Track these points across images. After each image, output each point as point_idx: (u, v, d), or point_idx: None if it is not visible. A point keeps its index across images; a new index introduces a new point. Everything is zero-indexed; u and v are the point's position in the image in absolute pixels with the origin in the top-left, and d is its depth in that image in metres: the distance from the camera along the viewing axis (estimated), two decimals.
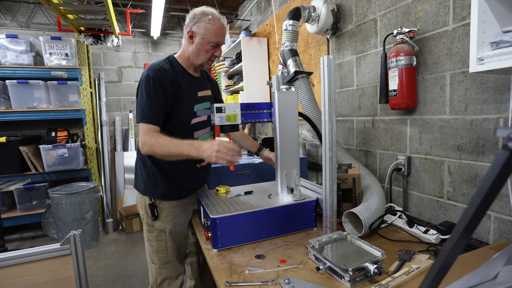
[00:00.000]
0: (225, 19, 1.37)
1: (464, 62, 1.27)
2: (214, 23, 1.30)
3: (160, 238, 1.42)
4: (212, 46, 1.33)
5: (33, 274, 1.30)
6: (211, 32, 1.30)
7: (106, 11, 2.60)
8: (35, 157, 3.35)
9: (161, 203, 1.41)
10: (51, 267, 1.33)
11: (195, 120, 1.40)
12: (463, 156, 1.30)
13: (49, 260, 1.33)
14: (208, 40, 1.31)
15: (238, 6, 4.18)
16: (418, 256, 1.03)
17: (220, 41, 1.35)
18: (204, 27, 1.29)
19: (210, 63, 1.41)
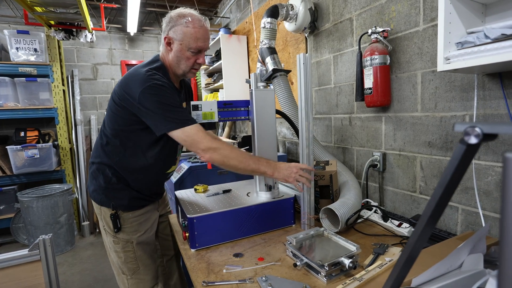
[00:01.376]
0: (207, 20, 1.22)
1: (433, 61, 1.32)
2: (193, 25, 1.15)
3: (127, 249, 1.30)
4: (193, 53, 1.19)
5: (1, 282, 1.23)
6: (190, 36, 1.15)
7: (78, 5, 2.48)
8: (2, 158, 3.16)
9: (123, 213, 1.29)
10: (19, 275, 1.26)
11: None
12: (434, 151, 1.35)
13: (16, 268, 1.26)
14: (188, 46, 1.17)
15: (217, 3, 4.13)
16: (391, 249, 1.07)
17: (202, 46, 1.19)
18: (182, 32, 1.15)
19: (194, 71, 1.26)
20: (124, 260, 1.30)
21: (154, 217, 1.42)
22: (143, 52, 4.35)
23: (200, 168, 1.82)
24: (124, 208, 1.28)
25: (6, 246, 3.24)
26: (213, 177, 1.83)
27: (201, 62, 1.23)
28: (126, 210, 1.28)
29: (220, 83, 3.45)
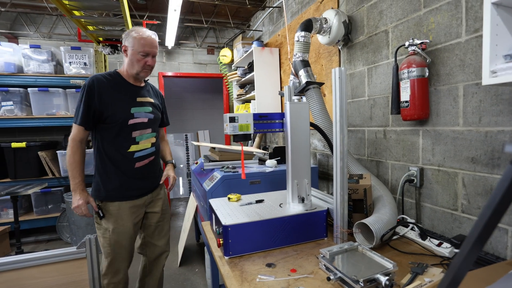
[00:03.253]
0: (156, 35, 1.57)
1: (477, 73, 1.26)
2: (140, 35, 1.50)
3: (105, 235, 1.55)
4: (142, 56, 1.52)
5: (49, 276, 1.34)
6: (137, 42, 1.49)
7: (124, 23, 2.70)
8: (52, 162, 3.46)
9: (106, 204, 1.55)
10: (67, 270, 1.37)
11: (132, 121, 1.56)
12: (478, 168, 1.28)
13: (65, 263, 1.37)
14: (137, 50, 1.50)
15: (250, 16, 4.27)
16: (431, 270, 1.02)
17: (148, 51, 1.52)
18: (132, 40, 1.50)
19: (146, 71, 1.58)
20: (102, 244, 1.56)
21: (137, 213, 1.62)
22: (179, 64, 4.59)
23: (233, 178, 1.87)
24: (103, 199, 1.55)
25: (52, 242, 3.50)
26: (245, 186, 1.87)
27: (150, 63, 1.56)
28: (106, 200, 1.55)
29: (251, 94, 3.53)
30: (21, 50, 3.34)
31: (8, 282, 1.30)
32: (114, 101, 1.53)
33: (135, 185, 1.61)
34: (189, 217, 2.89)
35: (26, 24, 3.77)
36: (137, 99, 1.61)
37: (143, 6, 3.76)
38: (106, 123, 1.52)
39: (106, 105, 1.50)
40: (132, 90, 1.61)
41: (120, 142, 1.55)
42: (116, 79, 1.58)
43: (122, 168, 1.57)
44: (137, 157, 1.60)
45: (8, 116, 3.32)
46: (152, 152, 1.67)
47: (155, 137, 1.69)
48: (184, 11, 3.78)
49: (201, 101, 6.31)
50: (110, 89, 1.53)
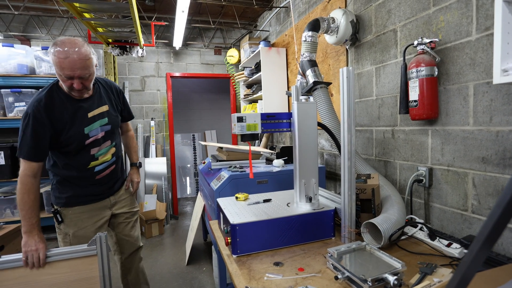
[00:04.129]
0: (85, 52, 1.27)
1: (488, 72, 1.25)
2: (58, 55, 1.23)
3: (65, 240, 1.54)
4: (66, 78, 1.28)
5: (61, 273, 1.37)
6: (56, 64, 1.25)
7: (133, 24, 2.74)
8: None
9: (64, 209, 1.53)
10: (78, 267, 1.40)
11: (88, 141, 1.47)
12: (489, 168, 1.26)
13: (76, 260, 1.40)
14: (58, 72, 1.27)
15: (257, 17, 4.28)
16: (440, 270, 1.01)
17: (69, 74, 1.26)
18: (52, 59, 1.25)
19: (77, 93, 1.37)
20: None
21: (100, 215, 1.60)
22: (187, 64, 4.63)
23: (240, 177, 1.88)
24: (63, 205, 1.52)
25: None
26: (253, 186, 1.88)
27: (76, 87, 1.31)
28: (66, 206, 1.52)
29: (259, 94, 3.54)
30: (33, 52, 3.42)
31: (21, 278, 1.33)
32: (65, 126, 1.38)
33: (95, 191, 1.58)
34: (196, 216, 2.91)
35: (38, 27, 3.85)
36: (88, 115, 1.45)
37: (151, 7, 3.80)
38: (60, 148, 1.43)
39: (60, 132, 1.37)
40: (80, 107, 1.42)
41: (78, 161, 1.48)
42: (60, 97, 1.38)
43: (81, 183, 1.53)
44: (97, 171, 1.55)
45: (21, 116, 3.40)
46: (113, 161, 1.62)
47: (115, 146, 1.62)
48: (191, 12, 3.81)
49: (208, 101, 6.35)
50: (58, 113, 1.36)
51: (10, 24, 3.75)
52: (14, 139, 3.77)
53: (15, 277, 1.32)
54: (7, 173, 3.39)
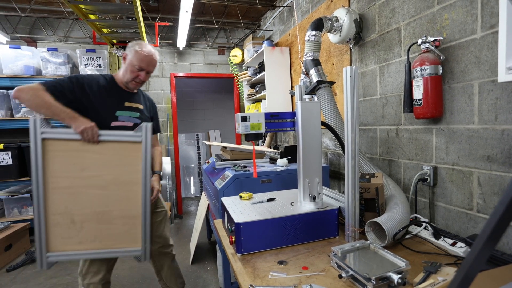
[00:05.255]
0: (158, 54, 1.64)
1: (493, 70, 1.24)
2: (141, 50, 1.56)
3: None
4: (137, 69, 1.57)
5: (108, 154, 1.41)
6: (137, 56, 1.55)
7: (137, 25, 2.77)
8: None
9: None
10: (123, 152, 1.43)
11: (115, 123, 1.57)
12: (494, 167, 1.26)
13: (123, 144, 1.43)
14: (133, 63, 1.56)
15: (260, 16, 4.29)
16: (444, 269, 1.01)
17: (143, 67, 1.57)
18: (133, 52, 1.56)
19: (135, 84, 1.61)
20: None
21: None
22: (190, 64, 4.65)
23: (244, 176, 1.89)
24: None
25: None
26: (257, 185, 1.89)
27: (142, 78, 1.60)
28: None
29: (262, 93, 3.55)
30: (40, 53, 3.47)
31: (72, 151, 1.37)
32: (99, 100, 1.54)
33: None
34: (200, 216, 2.93)
35: (44, 28, 3.90)
36: (125, 103, 1.63)
37: (155, 8, 3.83)
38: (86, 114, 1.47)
39: (91, 103, 1.51)
40: (122, 95, 1.63)
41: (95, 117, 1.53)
42: (110, 82, 1.62)
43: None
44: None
45: (28, 117, 3.45)
46: None
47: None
48: (195, 12, 3.83)
49: (211, 101, 6.37)
50: (100, 88, 1.56)
51: (17, 26, 3.81)
52: (21, 139, 3.82)
53: (66, 149, 1.36)
54: (14, 173, 3.44)
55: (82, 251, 1.41)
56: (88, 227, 1.40)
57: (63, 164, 1.36)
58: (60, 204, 1.36)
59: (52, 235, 1.37)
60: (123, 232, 1.45)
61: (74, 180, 1.37)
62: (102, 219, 1.41)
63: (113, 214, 1.43)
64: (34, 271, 2.79)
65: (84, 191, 1.38)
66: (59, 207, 1.36)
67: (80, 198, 1.38)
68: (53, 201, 1.36)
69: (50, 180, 1.34)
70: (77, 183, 1.37)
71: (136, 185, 1.44)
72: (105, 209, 1.42)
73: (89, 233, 1.40)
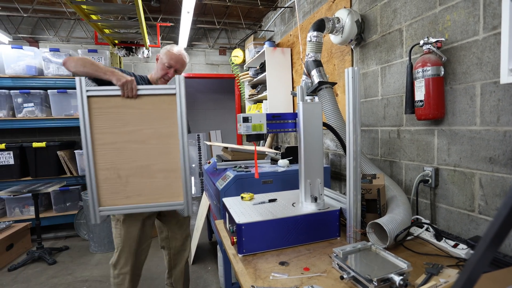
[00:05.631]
0: (187, 56, 1.76)
1: (496, 72, 1.24)
2: (173, 50, 1.70)
3: (116, 226, 1.64)
4: (167, 66, 1.68)
5: (145, 108, 1.46)
6: (167, 55, 1.68)
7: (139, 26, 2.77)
8: (70, 161, 3.59)
9: None
10: (160, 105, 1.46)
11: None
12: (496, 168, 1.25)
13: (159, 97, 1.47)
14: (163, 61, 1.68)
15: (262, 17, 4.29)
16: (446, 271, 1.01)
17: (172, 64, 1.68)
18: (165, 52, 1.70)
19: (163, 81, 1.72)
20: (114, 235, 1.66)
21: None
22: (192, 65, 4.65)
23: (246, 177, 1.89)
24: None
25: (70, 239, 3.62)
26: (258, 186, 1.89)
27: (170, 75, 1.70)
28: None
29: (263, 94, 3.55)
30: (42, 53, 3.47)
31: (114, 108, 1.42)
32: None
33: None
34: (201, 216, 2.93)
35: (46, 29, 3.91)
36: None
37: (157, 8, 3.83)
38: None
39: None
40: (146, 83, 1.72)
41: None
42: (145, 81, 1.75)
43: None
44: None
45: (29, 117, 3.46)
46: None
47: None
48: (196, 12, 3.84)
49: (213, 101, 6.38)
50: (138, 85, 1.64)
51: (19, 26, 3.82)
52: (23, 139, 3.84)
53: (109, 106, 1.41)
54: (16, 173, 3.45)
55: (129, 205, 1.47)
56: (133, 181, 1.45)
57: (107, 120, 1.42)
58: (107, 160, 1.43)
59: (102, 190, 1.44)
60: (165, 185, 1.48)
61: (118, 136, 1.43)
62: (145, 173, 1.46)
63: (155, 168, 1.47)
64: (35, 271, 2.80)
65: (127, 146, 1.44)
66: (106, 162, 1.43)
67: (124, 153, 1.44)
68: (100, 156, 1.42)
69: (96, 137, 1.41)
70: (121, 138, 1.43)
71: (174, 138, 1.47)
72: (147, 163, 1.46)
73: (134, 187, 1.46)
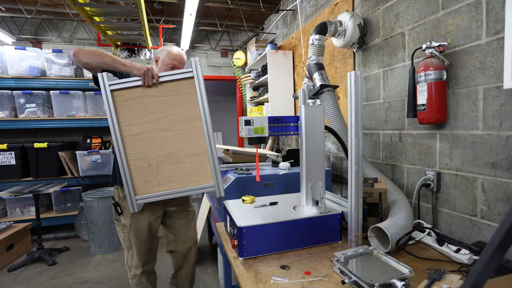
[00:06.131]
0: (186, 55, 1.76)
1: (498, 76, 1.23)
2: (171, 50, 1.70)
3: (124, 231, 1.67)
4: (170, 67, 1.68)
5: (166, 95, 1.49)
6: (169, 56, 1.69)
7: (142, 27, 2.79)
8: (71, 162, 3.59)
9: (124, 201, 1.62)
10: (179, 90, 1.50)
11: None
12: (499, 173, 1.25)
13: (177, 82, 1.49)
14: (167, 62, 1.68)
15: (264, 19, 4.30)
16: (448, 276, 1.00)
17: (175, 65, 1.69)
18: (165, 53, 1.70)
19: None
20: (123, 238, 1.69)
21: (153, 211, 1.67)
22: None
23: (247, 180, 1.89)
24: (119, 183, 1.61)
25: (70, 239, 3.62)
26: (259, 188, 1.88)
27: None
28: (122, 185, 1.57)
29: (265, 96, 3.55)
30: (44, 54, 3.49)
31: (136, 99, 1.46)
32: None
33: None
34: (202, 218, 2.93)
35: (49, 30, 3.93)
36: None
37: (160, 10, 3.85)
38: None
39: None
40: None
41: None
42: None
43: None
44: None
45: (32, 117, 3.47)
46: None
47: None
48: (199, 15, 3.85)
49: (214, 103, 6.38)
50: None
51: (22, 28, 3.84)
52: (25, 139, 3.85)
53: (131, 97, 1.46)
54: (17, 173, 3.45)
55: (162, 192, 1.50)
56: (163, 168, 1.49)
57: (131, 112, 1.46)
58: (136, 150, 1.47)
59: (135, 180, 1.48)
60: (194, 169, 1.51)
61: (143, 125, 1.47)
62: (173, 160, 1.49)
63: (182, 153, 1.50)
64: (35, 272, 2.79)
65: (153, 134, 1.48)
66: (136, 152, 1.47)
67: (151, 142, 1.48)
68: (130, 148, 1.47)
69: (124, 129, 1.45)
70: (147, 128, 1.47)
71: (197, 122, 1.49)
72: (174, 149, 1.49)
73: (165, 174, 1.49)
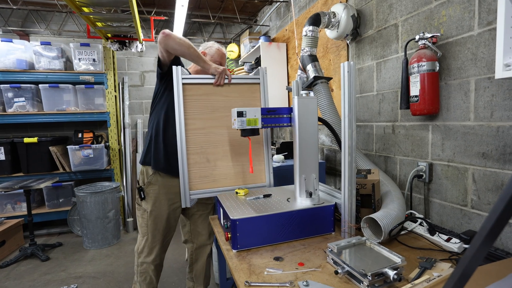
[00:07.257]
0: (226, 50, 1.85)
1: (490, 67, 1.24)
2: (221, 49, 1.83)
3: (143, 216, 1.70)
4: (217, 64, 1.74)
5: (232, 96, 1.62)
6: (218, 53, 1.80)
7: (132, 19, 2.72)
8: (63, 157, 3.53)
9: (147, 187, 1.66)
10: (245, 93, 1.63)
11: None
12: (489, 164, 1.26)
13: (244, 86, 1.66)
14: (216, 59, 1.77)
15: (257, 11, 4.24)
16: (439, 264, 1.02)
17: (222, 63, 1.81)
18: (214, 51, 1.80)
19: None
20: (140, 223, 1.72)
21: (173, 201, 1.70)
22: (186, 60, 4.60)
23: None
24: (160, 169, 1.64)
25: (63, 235, 3.59)
26: None
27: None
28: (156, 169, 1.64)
29: None
30: (32, 47, 3.39)
31: (203, 95, 1.54)
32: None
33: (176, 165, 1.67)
34: None
35: (36, 22, 3.82)
36: None
37: (151, 1, 3.77)
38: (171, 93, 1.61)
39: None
40: None
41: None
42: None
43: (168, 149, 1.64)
44: None
45: (20, 112, 3.39)
46: None
47: None
48: (191, 6, 3.78)
49: None
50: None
51: (8, 19, 3.72)
52: (14, 134, 3.76)
53: (200, 93, 1.55)
54: (7, 169, 3.39)
55: (216, 189, 1.55)
56: (220, 165, 1.55)
57: (197, 107, 1.52)
58: (197, 144, 1.53)
59: (191, 174, 1.53)
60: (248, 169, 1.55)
61: (206, 121, 1.53)
62: (230, 158, 1.55)
63: (239, 152, 1.58)
64: (28, 267, 2.77)
65: (214, 131, 1.54)
66: (196, 147, 1.53)
67: (212, 138, 1.55)
68: (191, 141, 1.52)
69: (188, 122, 1.51)
70: (209, 124, 1.54)
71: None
72: (233, 148, 1.56)
73: (221, 171, 1.55)
